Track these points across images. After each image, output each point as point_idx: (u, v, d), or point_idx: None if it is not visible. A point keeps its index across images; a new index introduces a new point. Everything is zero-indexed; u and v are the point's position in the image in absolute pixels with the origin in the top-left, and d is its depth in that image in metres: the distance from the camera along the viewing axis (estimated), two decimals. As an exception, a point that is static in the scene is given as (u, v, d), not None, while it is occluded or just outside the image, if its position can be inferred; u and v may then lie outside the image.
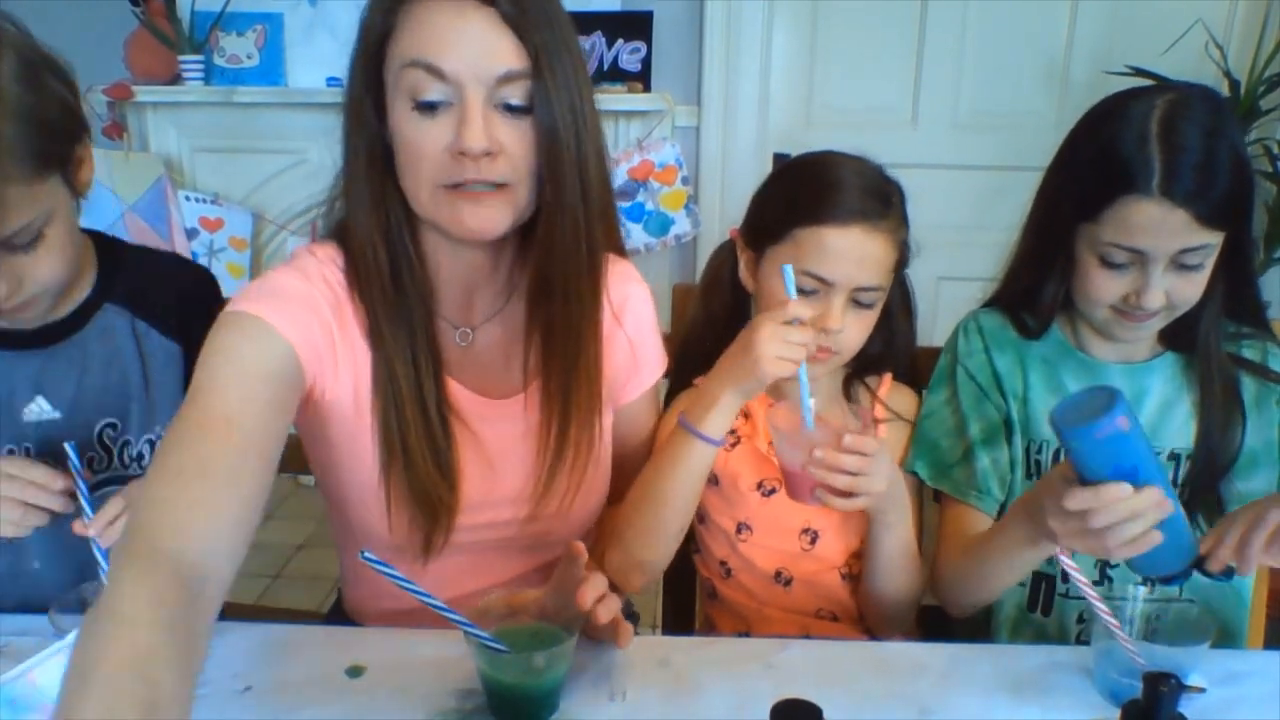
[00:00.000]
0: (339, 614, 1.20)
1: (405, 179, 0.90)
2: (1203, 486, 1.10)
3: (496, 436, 1.03)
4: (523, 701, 0.86)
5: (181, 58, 2.83)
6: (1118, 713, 0.77)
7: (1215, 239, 0.99)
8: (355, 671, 0.93)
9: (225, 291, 1.12)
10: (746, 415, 1.18)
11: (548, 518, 1.04)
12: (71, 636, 0.79)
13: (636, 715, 0.89)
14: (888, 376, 1.20)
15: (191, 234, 2.92)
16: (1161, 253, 0.99)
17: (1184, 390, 1.12)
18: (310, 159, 2.92)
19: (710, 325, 1.20)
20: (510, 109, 0.87)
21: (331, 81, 2.84)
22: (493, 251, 0.99)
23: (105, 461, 1.05)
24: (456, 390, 1.01)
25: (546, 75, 0.86)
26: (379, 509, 0.98)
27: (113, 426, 1.04)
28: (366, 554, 0.81)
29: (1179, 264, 1.00)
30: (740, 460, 1.17)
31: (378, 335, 0.95)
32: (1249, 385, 1.12)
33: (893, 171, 1.12)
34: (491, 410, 1.03)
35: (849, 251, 1.05)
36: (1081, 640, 1.12)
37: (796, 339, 0.98)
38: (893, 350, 1.20)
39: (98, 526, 0.94)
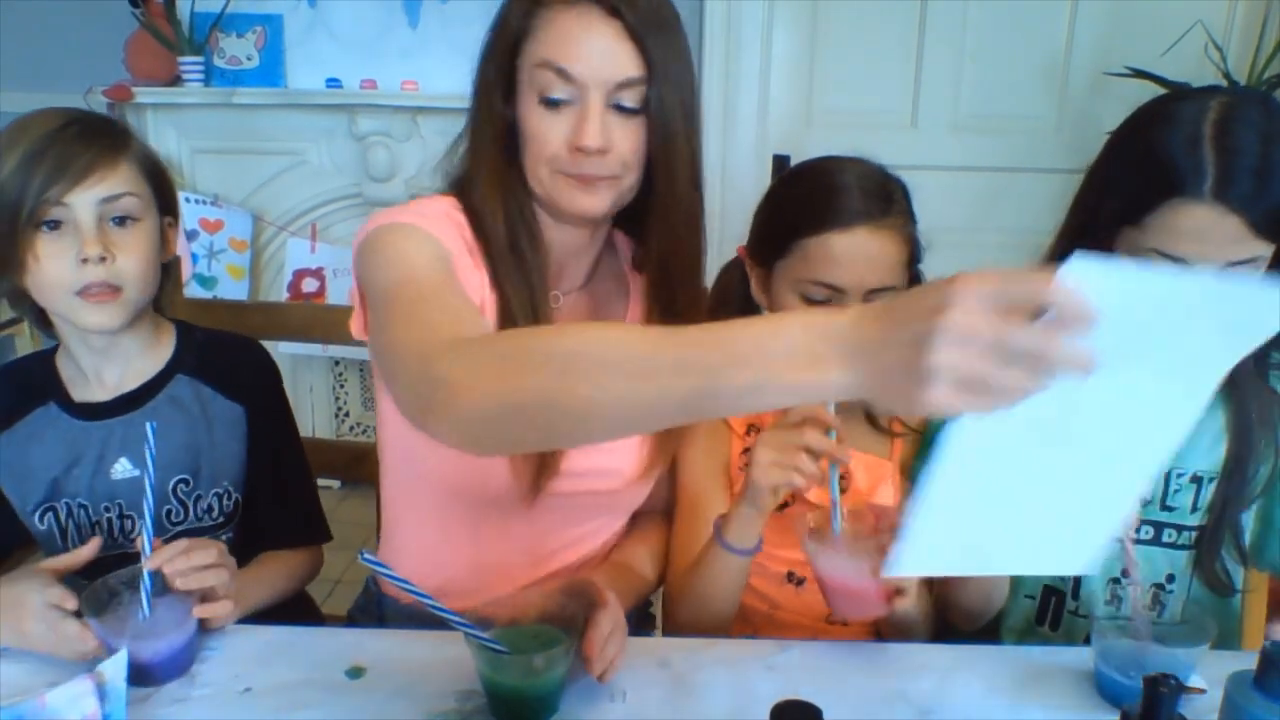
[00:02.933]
0: (369, 598, 1.20)
1: (526, 159, 1.00)
2: (1226, 512, 1.06)
3: None
4: (523, 703, 0.86)
5: (181, 59, 2.82)
6: (1118, 713, 0.77)
7: (1266, 251, 0.93)
8: (355, 672, 0.93)
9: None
10: (758, 428, 1.15)
11: (628, 477, 1.11)
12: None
13: (636, 716, 0.89)
14: None
15: (191, 236, 2.91)
16: (1208, 263, 0.93)
17: (1215, 410, 1.07)
18: (310, 160, 2.92)
19: None
20: (623, 110, 0.97)
21: (331, 83, 2.83)
22: (589, 229, 1.08)
23: (182, 514, 1.15)
24: None
25: (660, 81, 0.96)
26: None
27: (185, 482, 1.14)
28: (365, 555, 0.81)
29: None
30: None
31: (501, 290, 1.01)
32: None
33: (893, 172, 1.10)
34: None
35: (856, 254, 1.03)
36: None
37: (795, 441, 0.94)
38: None
39: (155, 561, 0.92)
